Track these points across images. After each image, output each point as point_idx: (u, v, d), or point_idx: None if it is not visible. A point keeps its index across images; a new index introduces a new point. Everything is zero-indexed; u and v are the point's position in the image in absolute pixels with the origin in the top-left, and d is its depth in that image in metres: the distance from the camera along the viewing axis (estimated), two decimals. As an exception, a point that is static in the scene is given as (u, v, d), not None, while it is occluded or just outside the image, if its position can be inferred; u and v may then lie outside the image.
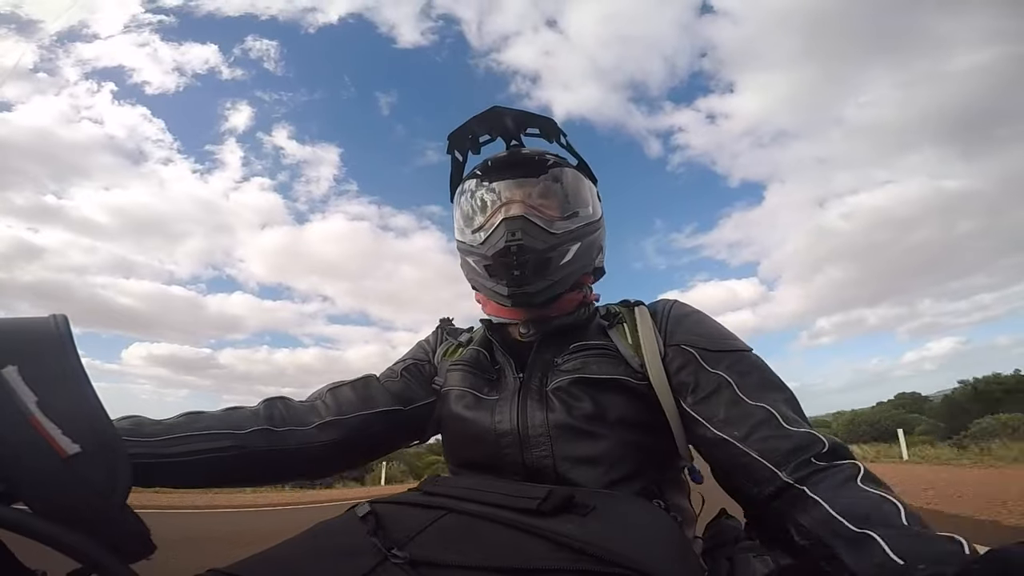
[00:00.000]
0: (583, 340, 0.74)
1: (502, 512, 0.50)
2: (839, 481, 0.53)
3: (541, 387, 0.70)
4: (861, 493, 0.51)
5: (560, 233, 0.75)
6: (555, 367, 0.72)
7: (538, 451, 0.66)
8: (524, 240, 0.71)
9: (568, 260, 0.75)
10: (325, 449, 0.71)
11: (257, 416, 0.68)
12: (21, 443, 0.33)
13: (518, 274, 0.72)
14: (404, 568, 0.43)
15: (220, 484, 0.66)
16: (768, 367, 0.69)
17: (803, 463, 0.56)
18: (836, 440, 0.59)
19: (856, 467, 0.55)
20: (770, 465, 0.58)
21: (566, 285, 0.77)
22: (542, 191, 0.77)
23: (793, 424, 0.60)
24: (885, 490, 0.52)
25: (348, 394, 0.77)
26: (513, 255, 0.71)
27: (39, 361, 0.36)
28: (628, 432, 0.67)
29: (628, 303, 0.81)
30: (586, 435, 0.66)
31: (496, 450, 0.68)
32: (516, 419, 0.68)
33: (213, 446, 0.61)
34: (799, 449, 0.57)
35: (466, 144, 0.83)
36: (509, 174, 0.78)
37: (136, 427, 0.58)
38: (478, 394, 0.74)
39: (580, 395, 0.68)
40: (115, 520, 0.37)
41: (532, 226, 0.73)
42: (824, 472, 0.55)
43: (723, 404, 0.64)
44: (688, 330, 0.72)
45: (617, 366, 0.70)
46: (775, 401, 0.62)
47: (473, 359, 0.79)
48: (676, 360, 0.69)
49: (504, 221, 0.73)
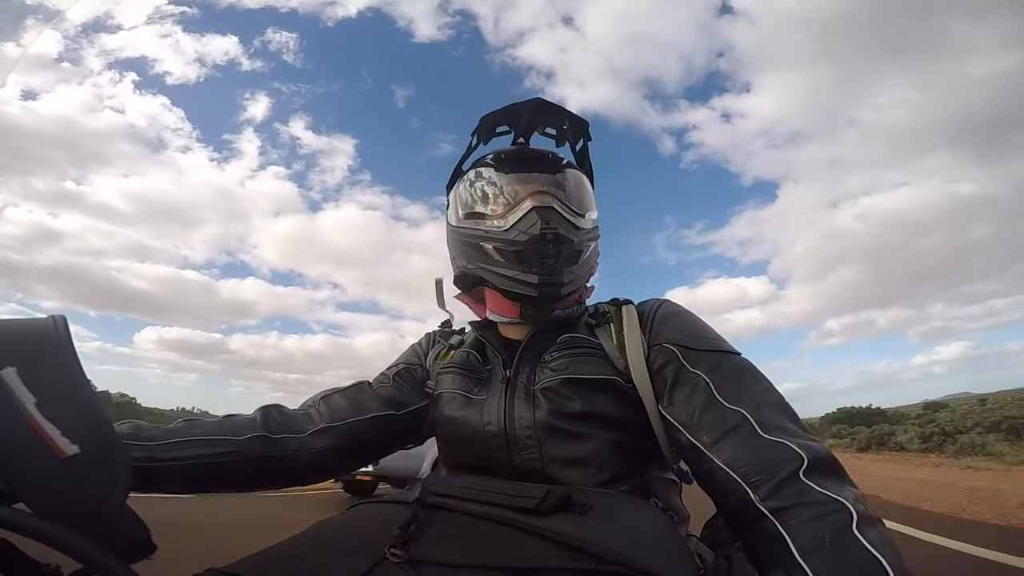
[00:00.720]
0: (572, 336, 0.74)
1: (500, 511, 0.50)
2: (827, 528, 0.46)
3: (528, 384, 0.70)
4: (848, 553, 0.44)
5: (584, 229, 0.75)
6: (543, 363, 0.72)
7: (527, 453, 0.66)
8: (560, 229, 0.70)
9: (586, 257, 0.76)
10: (320, 455, 0.71)
11: (254, 423, 0.68)
12: (20, 444, 0.33)
13: (552, 263, 0.70)
14: (403, 567, 0.43)
15: (217, 489, 0.66)
16: (755, 370, 0.66)
17: (780, 484, 0.51)
18: (821, 452, 0.53)
19: (846, 509, 0.47)
20: (738, 478, 0.53)
21: (582, 282, 0.77)
22: (565, 188, 0.76)
23: (772, 432, 0.55)
24: (878, 540, 0.45)
25: (340, 401, 0.77)
26: (549, 243, 0.69)
27: (38, 362, 0.36)
28: (615, 433, 0.67)
29: (617, 302, 0.80)
30: (573, 436, 0.66)
31: (485, 452, 0.69)
32: (503, 418, 0.68)
33: (211, 451, 0.62)
34: (772, 463, 0.52)
35: (490, 131, 0.81)
36: (531, 167, 0.76)
37: (135, 431, 0.59)
38: (468, 395, 0.74)
39: (568, 395, 0.67)
40: (115, 520, 0.37)
41: (561, 218, 0.72)
42: (807, 508, 0.48)
43: (698, 406, 0.61)
44: (673, 329, 0.71)
45: (604, 366, 0.70)
46: (756, 405, 0.58)
47: (463, 361, 0.79)
48: (658, 359, 0.68)
49: (535, 209, 0.70)
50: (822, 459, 0.53)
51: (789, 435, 0.55)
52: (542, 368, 0.71)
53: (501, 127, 0.81)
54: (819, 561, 0.45)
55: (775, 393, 0.62)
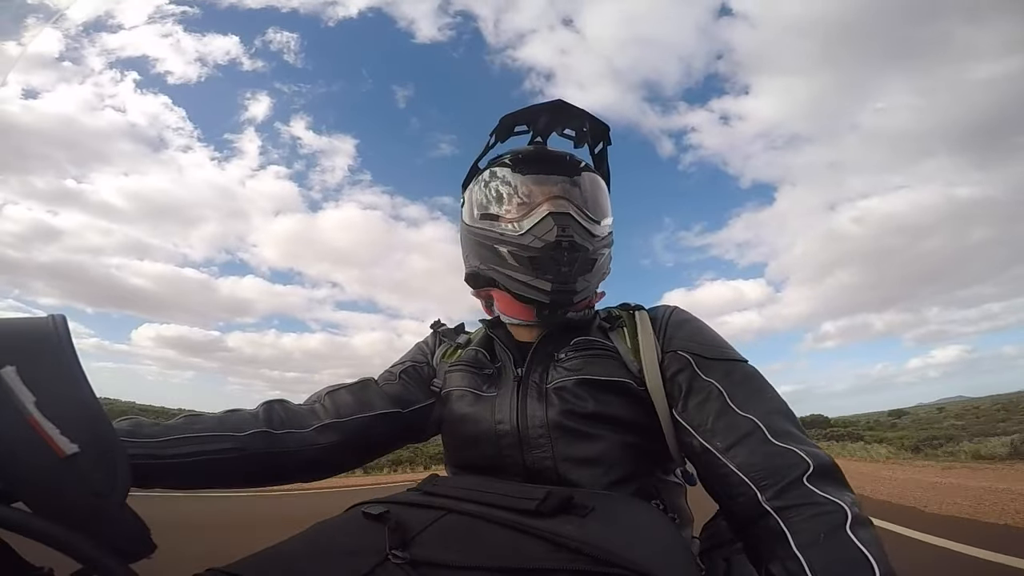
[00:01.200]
0: (586, 338, 0.74)
1: (502, 513, 0.50)
2: (823, 526, 0.50)
3: (541, 383, 0.71)
4: (841, 550, 0.48)
5: (600, 236, 0.75)
6: (556, 362, 0.72)
7: (539, 452, 0.66)
8: (576, 237, 0.70)
9: (600, 264, 0.76)
10: (324, 452, 0.71)
11: (256, 419, 0.67)
12: (20, 443, 0.33)
13: (566, 270, 0.70)
14: (404, 568, 0.43)
15: (219, 486, 0.65)
16: (763, 378, 0.68)
17: (786, 487, 0.54)
18: (825, 460, 0.56)
19: (843, 510, 0.51)
20: (748, 481, 0.56)
21: (595, 290, 0.77)
22: (581, 192, 0.75)
23: (781, 438, 0.58)
24: (868, 540, 0.49)
25: (346, 397, 0.76)
26: (564, 250, 0.69)
27: (38, 361, 0.36)
28: (626, 434, 0.67)
29: (628, 307, 0.80)
30: (585, 436, 0.66)
31: (496, 451, 0.69)
32: (516, 417, 0.69)
33: (213, 448, 0.61)
34: (781, 468, 0.55)
35: (509, 130, 0.80)
36: (548, 169, 0.75)
37: (135, 428, 0.58)
38: (478, 392, 0.74)
39: (581, 395, 0.68)
40: (115, 519, 0.37)
41: (578, 225, 0.72)
42: (808, 508, 0.52)
43: (712, 413, 0.63)
44: (686, 336, 0.72)
45: (618, 368, 0.70)
46: (766, 413, 0.61)
47: (472, 359, 0.79)
48: (672, 366, 0.69)
49: (551, 215, 0.70)
50: (825, 465, 0.56)
51: (796, 442, 0.58)
52: (556, 368, 0.71)
53: (520, 127, 0.80)
54: (814, 555, 0.49)
55: (781, 400, 0.65)
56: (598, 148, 0.83)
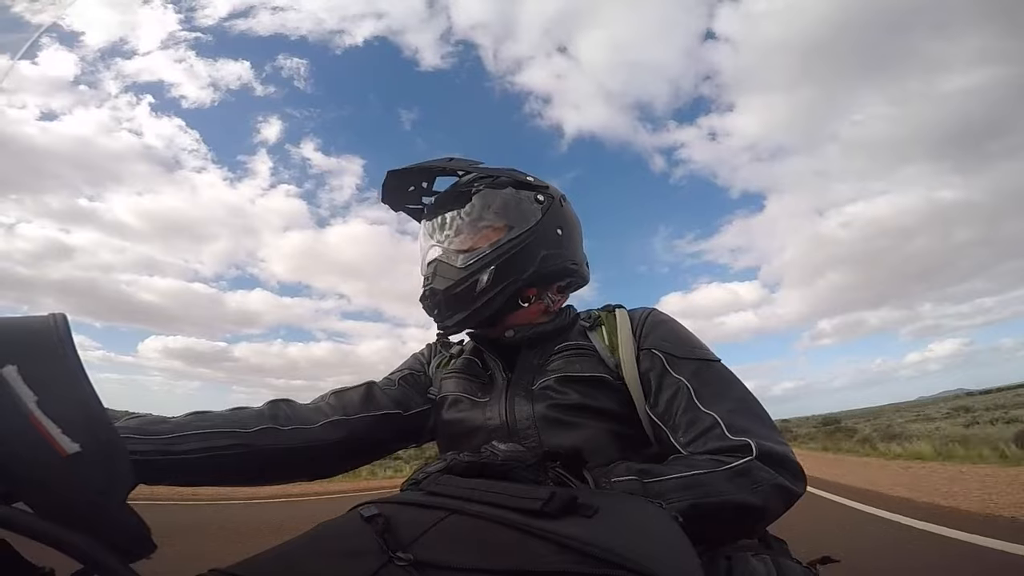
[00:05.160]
0: (567, 343, 0.80)
1: (506, 513, 0.49)
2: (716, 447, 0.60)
3: (528, 385, 0.76)
4: (719, 456, 0.58)
5: (467, 266, 0.77)
6: (541, 368, 0.77)
7: (527, 443, 0.70)
8: (435, 283, 0.78)
9: (485, 286, 0.76)
10: (329, 449, 0.73)
11: (262, 415, 0.69)
12: (21, 442, 0.33)
13: (436, 312, 0.79)
14: (408, 570, 0.42)
15: (226, 482, 0.67)
16: (734, 378, 0.72)
17: (710, 450, 0.61)
18: (774, 448, 0.60)
19: (749, 448, 0.59)
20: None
21: (492, 308, 0.78)
22: (457, 226, 0.82)
23: (737, 434, 0.61)
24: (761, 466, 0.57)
25: (352, 396, 0.81)
26: (427, 299, 0.80)
27: (39, 360, 0.36)
28: (608, 422, 0.72)
29: (609, 307, 0.85)
30: (569, 425, 0.71)
31: (486, 442, 0.70)
32: (505, 414, 0.74)
33: (219, 444, 0.62)
34: (724, 451, 0.60)
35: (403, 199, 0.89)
36: (433, 214, 0.85)
37: (143, 425, 0.59)
38: (472, 398, 0.79)
39: (564, 390, 0.73)
40: (115, 519, 0.36)
41: (445, 266, 0.78)
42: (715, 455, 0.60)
43: (679, 409, 0.68)
44: (660, 336, 0.77)
45: (596, 365, 0.75)
46: (729, 411, 0.65)
47: (466, 366, 0.85)
48: (645, 362, 0.74)
49: (426, 265, 0.81)
50: (771, 453, 0.60)
51: (753, 436, 0.62)
52: (541, 372, 0.78)
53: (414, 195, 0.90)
54: (696, 448, 0.60)
55: (750, 398, 0.69)
56: (465, 176, 0.85)
